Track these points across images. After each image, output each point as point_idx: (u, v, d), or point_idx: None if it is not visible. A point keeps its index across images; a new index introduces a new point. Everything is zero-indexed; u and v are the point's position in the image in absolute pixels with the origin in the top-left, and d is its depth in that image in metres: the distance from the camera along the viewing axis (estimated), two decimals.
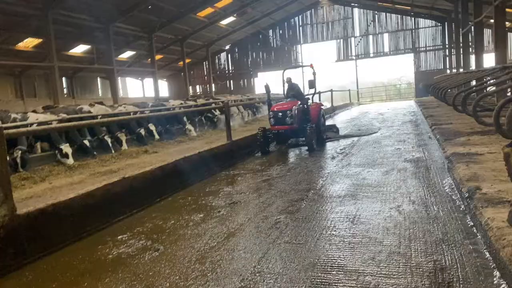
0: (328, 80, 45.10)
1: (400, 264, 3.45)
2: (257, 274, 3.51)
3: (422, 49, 36.20)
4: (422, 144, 9.54)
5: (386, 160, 8.06)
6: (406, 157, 8.18)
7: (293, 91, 11.42)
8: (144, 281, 3.61)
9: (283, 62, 39.12)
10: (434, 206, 4.90)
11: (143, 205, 6.06)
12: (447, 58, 32.89)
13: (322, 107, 11.96)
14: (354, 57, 38.17)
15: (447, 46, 33.47)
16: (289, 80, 11.59)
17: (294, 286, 3.24)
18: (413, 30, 36.15)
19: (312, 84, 10.89)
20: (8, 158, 5.00)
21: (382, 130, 13.27)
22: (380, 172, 7.04)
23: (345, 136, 12.22)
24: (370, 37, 37.56)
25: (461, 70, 21.74)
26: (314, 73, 11.09)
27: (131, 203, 5.90)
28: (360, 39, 37.82)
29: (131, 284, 3.58)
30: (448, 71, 29.61)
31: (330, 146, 10.66)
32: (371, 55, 37.92)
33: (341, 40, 38.33)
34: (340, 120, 19.30)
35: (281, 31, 40.03)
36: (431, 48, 35.97)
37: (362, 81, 41.12)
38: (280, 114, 10.19)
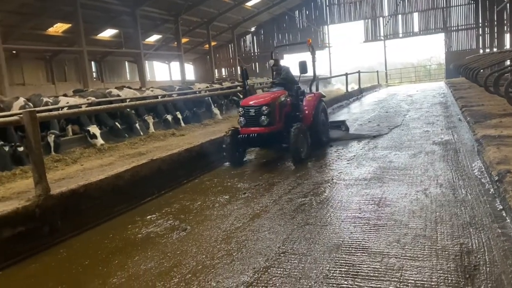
0: (355, 61, 44.43)
1: (426, 247, 3.44)
2: (282, 255, 3.57)
3: (454, 28, 34.96)
4: (452, 127, 9.33)
5: (413, 142, 7.94)
6: (434, 139, 8.03)
7: (282, 78, 8.50)
8: (172, 260, 3.72)
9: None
10: (462, 189, 4.83)
11: (171, 187, 6.20)
12: (480, 37, 31.74)
13: (323, 98, 9.02)
14: (382, 38, 37.26)
15: (480, 24, 32.25)
16: (275, 63, 8.67)
17: (319, 267, 3.28)
18: (445, 9, 34.90)
19: (304, 67, 8.18)
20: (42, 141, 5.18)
21: (411, 112, 13.01)
22: (408, 155, 6.95)
23: (357, 137, 9.12)
24: (399, 16, 36.52)
25: (494, 49, 20.96)
26: (312, 52, 8.89)
27: (159, 185, 6.04)
28: (389, 19, 36.82)
29: (160, 262, 3.70)
30: (481, 51, 28.61)
31: (331, 156, 7.47)
32: (400, 35, 36.92)
33: (369, 20, 37.43)
34: (367, 102, 19.01)
35: (307, 12, 39.37)
36: (463, 27, 34.69)
37: (391, 62, 40.18)
38: (252, 111, 7.31)
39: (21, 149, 7.61)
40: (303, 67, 8.15)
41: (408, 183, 5.29)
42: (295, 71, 8.56)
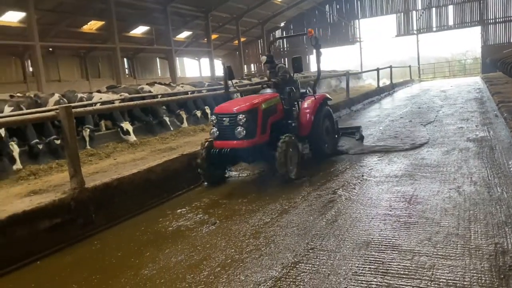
0: (386, 56, 43.59)
1: (458, 245, 3.36)
2: (310, 251, 3.57)
3: (491, 21, 33.69)
4: (487, 123, 9.03)
5: (447, 139, 7.74)
6: (469, 136, 7.81)
7: (281, 78, 7.01)
8: (201, 253, 3.78)
9: (340, 39, 38.11)
10: (498, 188, 4.68)
11: (200, 181, 6.27)
12: None
13: (328, 101, 7.50)
14: (415, 32, 36.31)
15: None
16: (268, 60, 7.21)
17: (348, 264, 3.26)
18: (481, 1, 33.66)
19: (298, 65, 6.63)
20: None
21: (444, 108, 12.68)
22: (440, 151, 6.79)
23: (371, 150, 7.35)
24: (433, 9, 35.49)
25: None
26: (316, 46, 7.19)
27: (189, 179, 6.13)
28: (422, 12, 35.83)
29: (190, 255, 3.77)
30: None
31: (334, 173, 6.05)
32: (434, 29, 35.89)
33: (402, 13, 36.56)
34: (399, 97, 18.64)
35: (338, 6, 38.81)
36: (501, 19, 33.37)
37: (424, 56, 39.12)
38: (226, 120, 5.82)
39: (58, 141, 7.87)
40: (298, 64, 6.61)
41: (440, 181, 5.18)
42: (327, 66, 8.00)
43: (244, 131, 5.65)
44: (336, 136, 7.61)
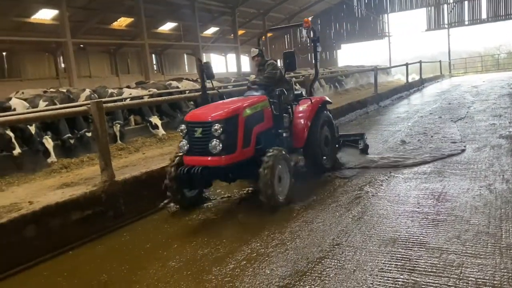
0: (416, 51, 42.66)
1: (488, 244, 3.30)
2: (336, 247, 3.56)
3: None
4: None
5: (478, 136, 7.55)
6: (501, 133, 7.58)
7: (266, 76, 5.84)
8: (227, 246, 3.83)
9: (368, 33, 37.52)
10: None
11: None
12: None
13: (328, 104, 6.38)
14: (446, 26, 35.38)
15: None
16: (258, 54, 6.03)
17: (374, 260, 3.24)
18: None
19: (291, 62, 5.47)
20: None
21: (476, 104, 12.34)
22: (471, 148, 6.63)
23: (377, 165, 6.16)
24: (466, 2, 34.45)
25: None
26: (314, 40, 6.26)
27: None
28: (454, 5, 34.85)
29: (216, 248, 3.82)
30: None
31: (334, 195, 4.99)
32: (466, 22, 34.87)
33: (432, 7, 35.68)
34: (428, 93, 18.25)
35: (366, 0, 38.25)
36: None
37: (455, 51, 38.06)
38: (198, 130, 4.69)
39: (89, 134, 8.06)
40: (290, 61, 5.46)
41: (470, 178, 5.07)
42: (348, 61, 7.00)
43: (221, 145, 4.49)
44: (337, 145, 6.48)
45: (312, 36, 6.07)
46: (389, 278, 2.95)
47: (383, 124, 10.23)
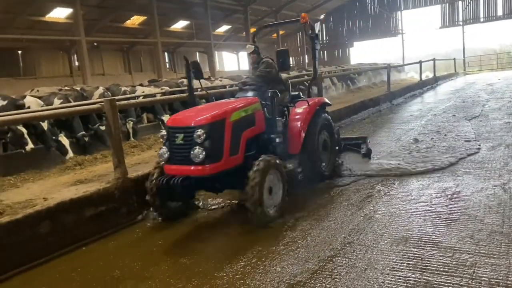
0: (430, 48, 42.12)
1: (502, 244, 3.26)
2: (347, 245, 3.55)
3: None
4: None
5: (493, 134, 7.45)
6: None
7: (259, 75, 5.35)
8: (238, 244, 3.85)
9: (381, 31, 37.21)
10: None
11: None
12: None
13: (327, 106, 5.96)
14: (461, 23, 34.88)
15: None
16: (254, 51, 5.59)
17: (385, 259, 3.23)
18: None
19: (284, 60, 5.29)
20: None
21: (490, 102, 12.18)
22: (486, 147, 6.55)
23: (380, 173, 5.62)
24: None
25: None
26: (312, 37, 5.60)
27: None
28: (469, 2, 34.32)
29: (226, 246, 3.86)
30: None
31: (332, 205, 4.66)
32: (482, 19, 34.33)
33: (447, 4, 35.20)
34: (442, 91, 18.05)
35: None
36: None
37: (469, 48, 37.48)
38: (179, 136, 4.27)
39: (103, 127, 8.12)
40: (283, 59, 5.24)
41: (484, 177, 5.01)
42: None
43: (204, 153, 4.06)
44: (337, 149, 6.02)
45: (310, 32, 5.59)
46: (401, 277, 2.94)
47: (395, 123, 10.15)
